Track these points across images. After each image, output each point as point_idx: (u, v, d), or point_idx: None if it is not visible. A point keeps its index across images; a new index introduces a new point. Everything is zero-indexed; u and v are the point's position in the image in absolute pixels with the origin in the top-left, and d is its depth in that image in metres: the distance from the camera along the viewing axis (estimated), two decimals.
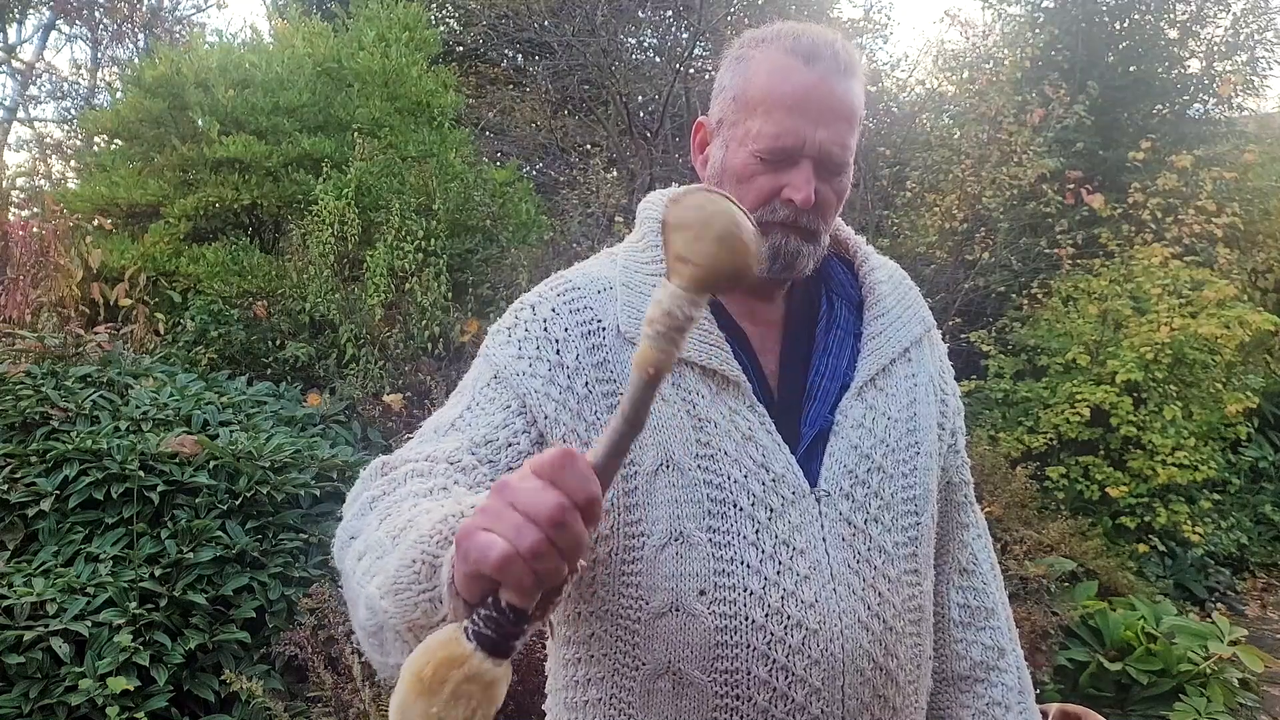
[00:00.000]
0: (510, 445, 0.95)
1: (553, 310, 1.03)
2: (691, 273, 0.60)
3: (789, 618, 0.96)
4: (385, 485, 0.86)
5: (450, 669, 0.56)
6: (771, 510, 0.98)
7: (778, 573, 0.97)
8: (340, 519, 0.94)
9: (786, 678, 0.96)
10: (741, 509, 0.97)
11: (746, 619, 0.96)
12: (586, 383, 0.99)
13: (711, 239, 0.59)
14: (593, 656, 1.02)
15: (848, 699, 0.98)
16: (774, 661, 0.96)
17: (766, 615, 0.96)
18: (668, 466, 0.97)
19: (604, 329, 1.01)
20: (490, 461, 0.93)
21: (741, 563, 0.96)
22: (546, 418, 0.98)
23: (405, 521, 0.75)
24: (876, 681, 1.00)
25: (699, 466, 0.97)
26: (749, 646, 0.96)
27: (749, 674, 0.96)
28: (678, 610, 0.96)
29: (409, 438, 1.03)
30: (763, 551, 0.97)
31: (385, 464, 0.91)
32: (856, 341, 1.10)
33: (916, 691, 1.07)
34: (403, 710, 0.57)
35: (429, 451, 0.92)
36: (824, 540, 0.99)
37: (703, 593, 0.96)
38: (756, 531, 0.97)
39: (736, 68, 1.05)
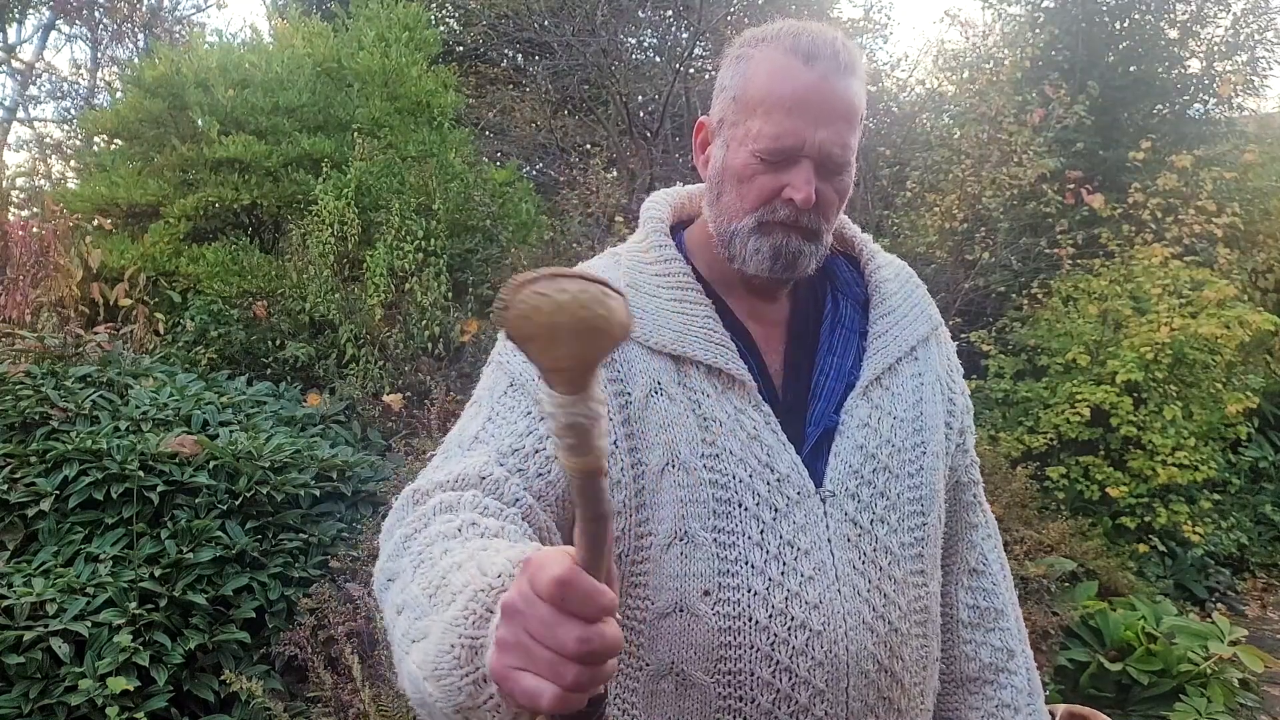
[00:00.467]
0: (538, 451, 0.95)
1: None
2: (568, 378, 0.53)
3: (793, 619, 0.96)
4: (416, 523, 0.85)
5: None
6: (776, 510, 0.98)
7: (782, 573, 0.97)
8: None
9: (790, 679, 0.96)
10: (746, 509, 0.97)
11: (750, 620, 0.96)
12: (602, 384, 0.98)
13: (567, 338, 0.51)
14: None
15: (852, 701, 0.98)
16: (777, 663, 0.96)
17: (770, 616, 0.96)
18: (674, 465, 0.97)
19: None
20: (520, 470, 0.93)
21: (746, 563, 0.96)
22: None
23: (439, 577, 0.74)
24: (881, 683, 0.99)
25: (704, 466, 0.97)
26: (753, 647, 0.96)
27: (752, 675, 0.96)
28: (682, 610, 0.96)
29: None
30: (767, 552, 0.97)
31: (416, 492, 0.90)
32: (862, 340, 1.09)
33: (922, 694, 1.06)
34: None
35: (457, 472, 0.90)
36: (829, 541, 0.99)
37: (707, 593, 0.96)
38: (761, 531, 0.97)
39: (737, 67, 1.04)
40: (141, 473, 3.00)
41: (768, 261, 1.02)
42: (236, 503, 3.06)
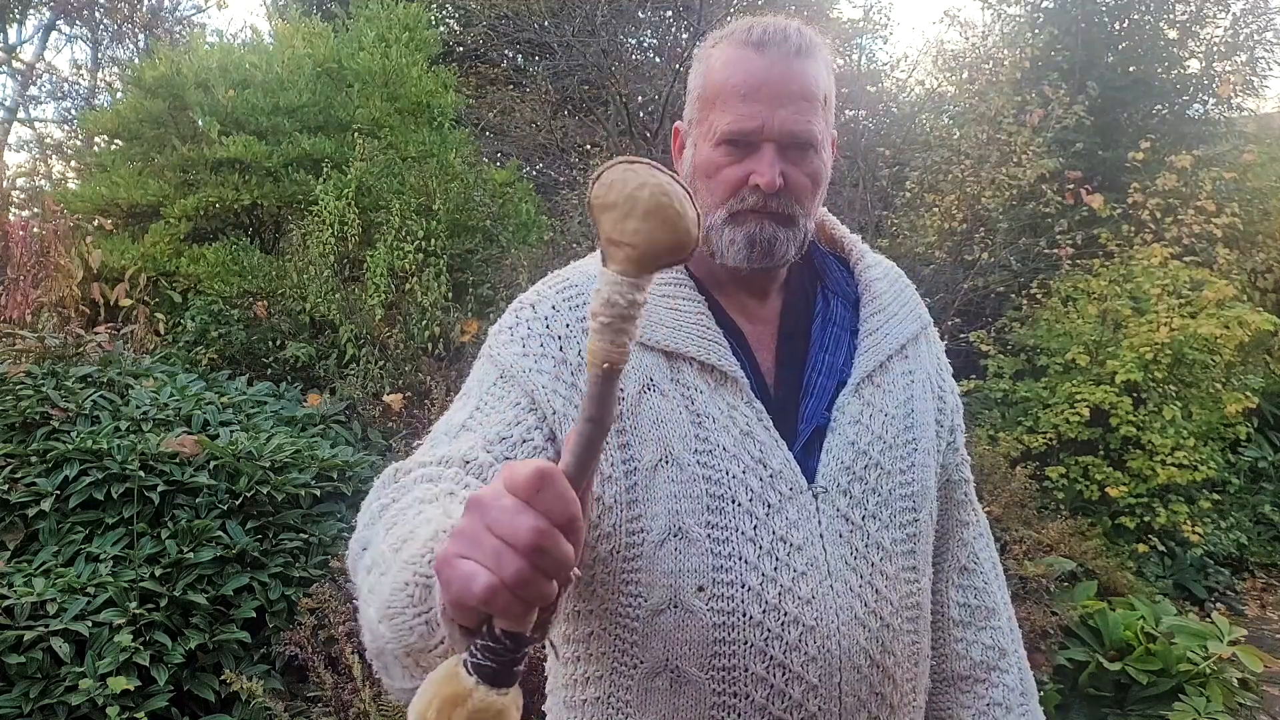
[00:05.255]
0: (525, 441, 0.95)
1: (553, 308, 1.04)
2: (626, 255, 0.55)
3: (786, 614, 0.96)
4: (395, 492, 0.85)
5: (454, 707, 0.53)
6: (769, 506, 0.98)
7: (775, 568, 0.97)
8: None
9: (784, 674, 0.96)
10: (740, 504, 0.97)
11: (744, 615, 0.96)
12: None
13: (640, 215, 0.54)
14: (590, 655, 1.02)
15: (845, 695, 0.98)
16: (771, 658, 0.96)
17: (764, 611, 0.96)
18: (667, 462, 0.97)
19: None
20: (506, 458, 0.93)
21: (740, 558, 0.97)
22: (555, 413, 0.97)
23: (407, 533, 0.73)
24: (873, 678, 1.00)
25: (698, 462, 0.98)
26: (747, 643, 0.96)
27: (746, 670, 0.96)
28: (676, 607, 0.96)
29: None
30: (760, 547, 0.97)
31: (398, 470, 0.90)
32: (853, 338, 1.10)
33: (914, 690, 1.07)
34: None
35: (442, 454, 0.91)
36: (821, 536, 0.99)
37: (701, 589, 0.96)
38: (754, 527, 0.97)
39: (698, 69, 1.07)
40: (142, 473, 3.01)
41: (744, 251, 1.02)
42: (237, 503, 3.07)
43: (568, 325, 1.02)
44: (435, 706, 0.53)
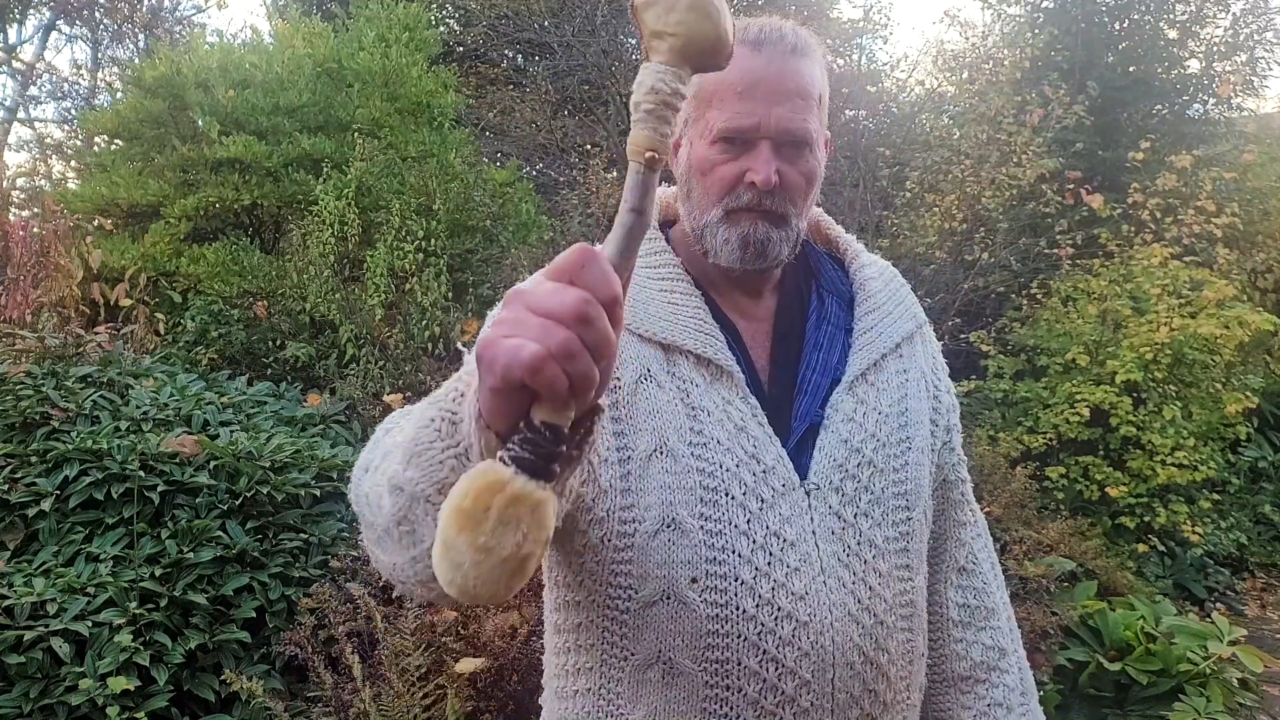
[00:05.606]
0: None
1: None
2: (670, 45, 0.58)
3: (779, 609, 0.96)
4: (395, 419, 0.86)
5: (492, 495, 0.51)
6: (763, 501, 0.98)
7: (768, 563, 0.97)
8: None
9: (776, 669, 0.96)
10: (733, 498, 0.97)
11: (738, 609, 0.96)
12: None
13: (683, 8, 0.58)
14: (581, 646, 1.02)
15: (837, 692, 0.98)
16: (764, 652, 0.96)
17: (757, 605, 0.96)
18: (661, 452, 0.98)
19: None
20: None
21: (733, 551, 0.97)
22: None
23: (415, 419, 0.72)
24: (866, 675, 1.00)
25: (692, 454, 0.98)
26: (740, 636, 0.96)
27: (739, 664, 0.96)
28: (669, 598, 0.96)
29: None
30: (754, 541, 0.97)
31: (398, 412, 0.91)
32: (848, 337, 1.10)
33: (908, 687, 1.07)
34: (447, 549, 0.52)
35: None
36: (814, 533, 1.00)
37: (694, 580, 0.96)
38: (748, 521, 0.97)
39: None
40: (142, 473, 3.01)
41: (737, 251, 1.03)
42: (237, 503, 3.07)
43: None
44: (472, 495, 0.51)
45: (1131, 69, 6.90)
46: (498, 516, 0.51)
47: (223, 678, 2.61)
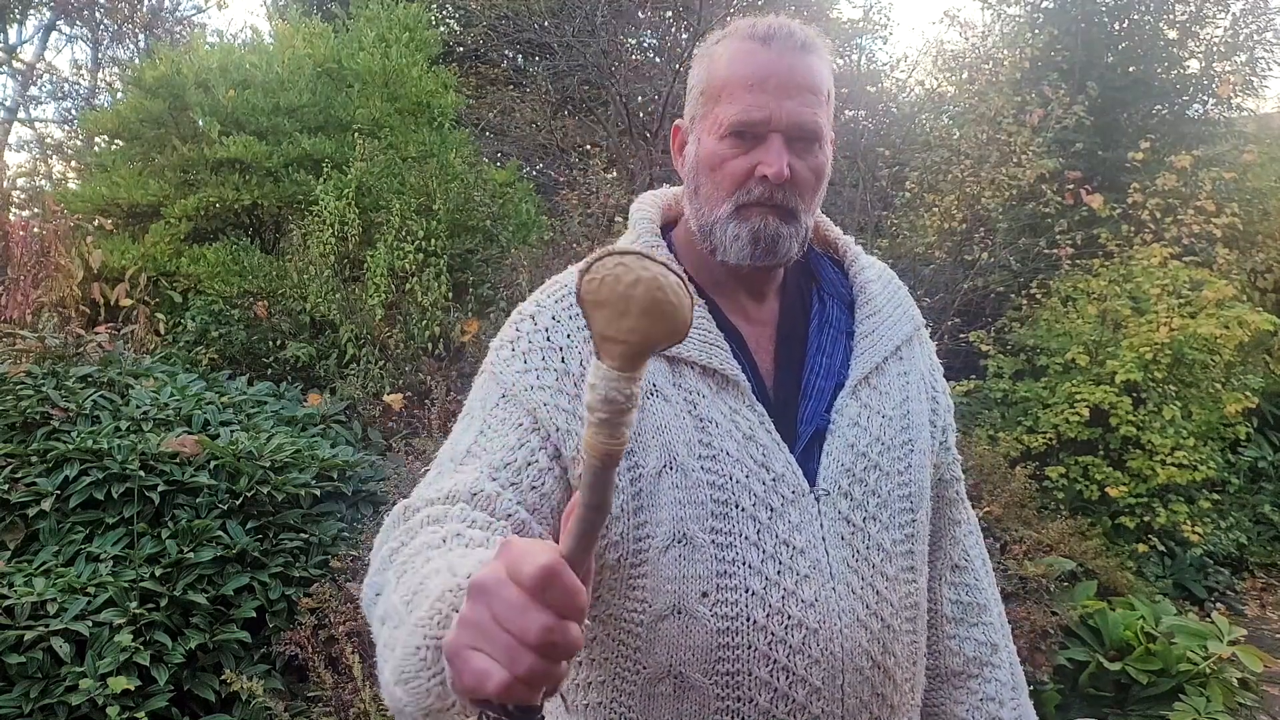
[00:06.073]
0: (530, 464, 0.95)
1: (553, 318, 1.03)
2: (622, 351, 0.55)
3: (790, 617, 0.96)
4: (403, 536, 0.85)
5: None
6: (772, 510, 0.98)
7: (778, 572, 0.97)
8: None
9: (787, 678, 0.96)
10: (743, 509, 0.97)
11: (748, 620, 0.96)
12: None
13: (637, 313, 0.53)
14: (594, 660, 1.02)
15: (847, 698, 0.98)
16: (775, 662, 0.96)
17: (768, 615, 0.96)
18: (671, 467, 0.97)
19: None
20: (513, 484, 0.93)
21: (743, 563, 0.96)
22: (558, 430, 0.97)
23: (417, 584, 0.74)
24: (875, 679, 1.00)
25: (702, 467, 0.97)
26: (751, 647, 0.96)
27: (750, 675, 0.96)
28: (680, 612, 0.96)
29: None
30: (764, 551, 0.97)
31: (406, 508, 0.90)
32: (849, 340, 1.10)
33: (913, 689, 1.07)
34: None
35: (449, 488, 0.90)
36: (823, 539, 1.00)
37: (705, 594, 0.96)
38: (758, 531, 0.97)
39: (700, 65, 1.07)
40: (142, 472, 3.01)
41: (748, 247, 1.02)
42: (237, 502, 3.07)
43: (568, 336, 1.01)
44: None
45: (1131, 69, 6.90)
46: None
47: (223, 678, 2.61)
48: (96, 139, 7.38)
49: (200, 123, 5.89)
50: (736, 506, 0.97)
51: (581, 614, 0.55)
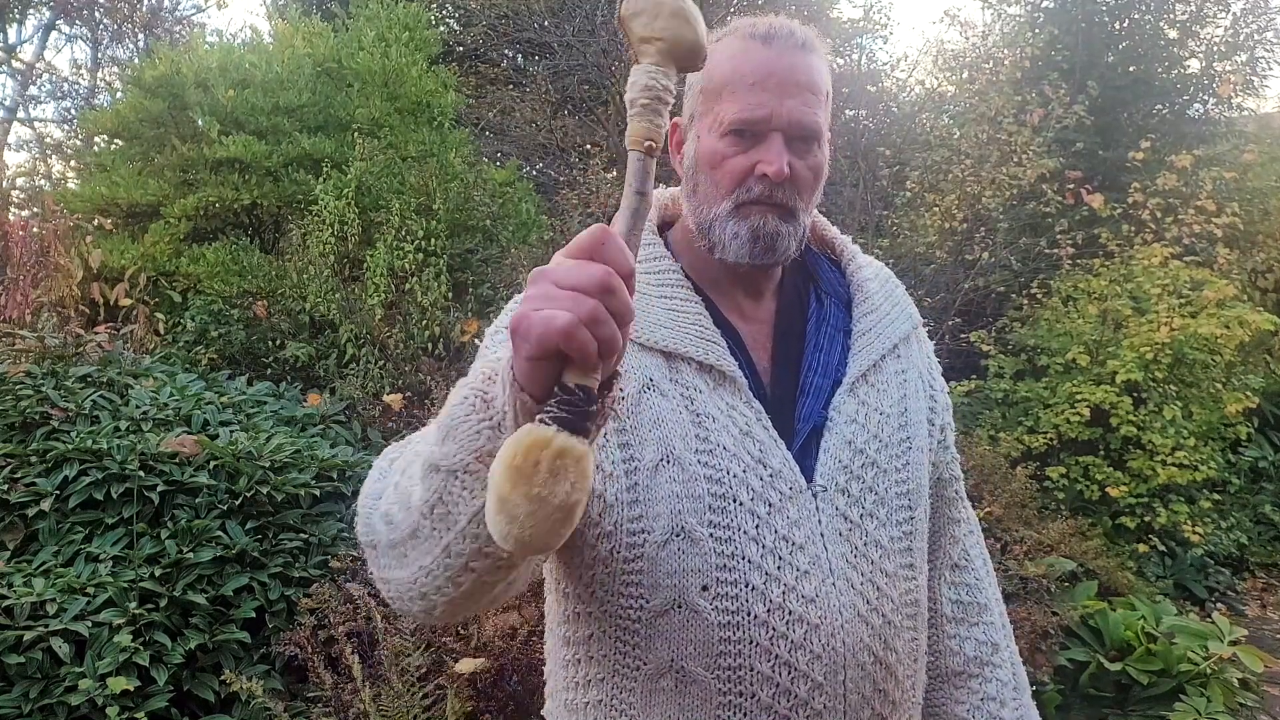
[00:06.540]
0: None
1: None
2: (658, 48, 0.67)
3: (791, 612, 0.96)
4: (395, 451, 0.90)
5: (540, 450, 0.57)
6: (770, 505, 0.98)
7: (778, 568, 0.97)
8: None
9: (789, 673, 0.96)
10: (742, 504, 0.97)
11: (749, 614, 0.96)
12: None
13: (667, 15, 0.67)
14: (593, 657, 1.02)
15: (849, 693, 0.99)
16: (777, 656, 0.96)
17: (769, 610, 0.96)
18: (668, 461, 0.97)
19: None
20: None
21: (743, 558, 0.96)
22: None
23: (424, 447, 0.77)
24: (876, 675, 1.00)
25: (699, 461, 0.97)
26: (752, 642, 0.96)
27: (752, 670, 0.96)
28: (680, 607, 0.96)
29: (408, 434, 1.03)
30: (763, 546, 0.97)
31: (398, 443, 0.93)
32: (847, 338, 1.10)
33: (914, 685, 1.08)
34: (502, 504, 0.57)
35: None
36: (822, 535, 1.00)
37: (705, 588, 0.96)
38: (757, 526, 0.97)
39: None
40: (142, 473, 3.00)
41: (747, 245, 1.02)
42: (237, 503, 3.06)
43: None
44: (522, 452, 0.57)
45: (1132, 69, 6.90)
46: (548, 469, 0.57)
47: (223, 678, 2.61)
48: (96, 139, 7.38)
49: (200, 122, 5.88)
50: (734, 501, 0.97)
51: (632, 276, 0.61)
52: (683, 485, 0.97)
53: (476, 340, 4.73)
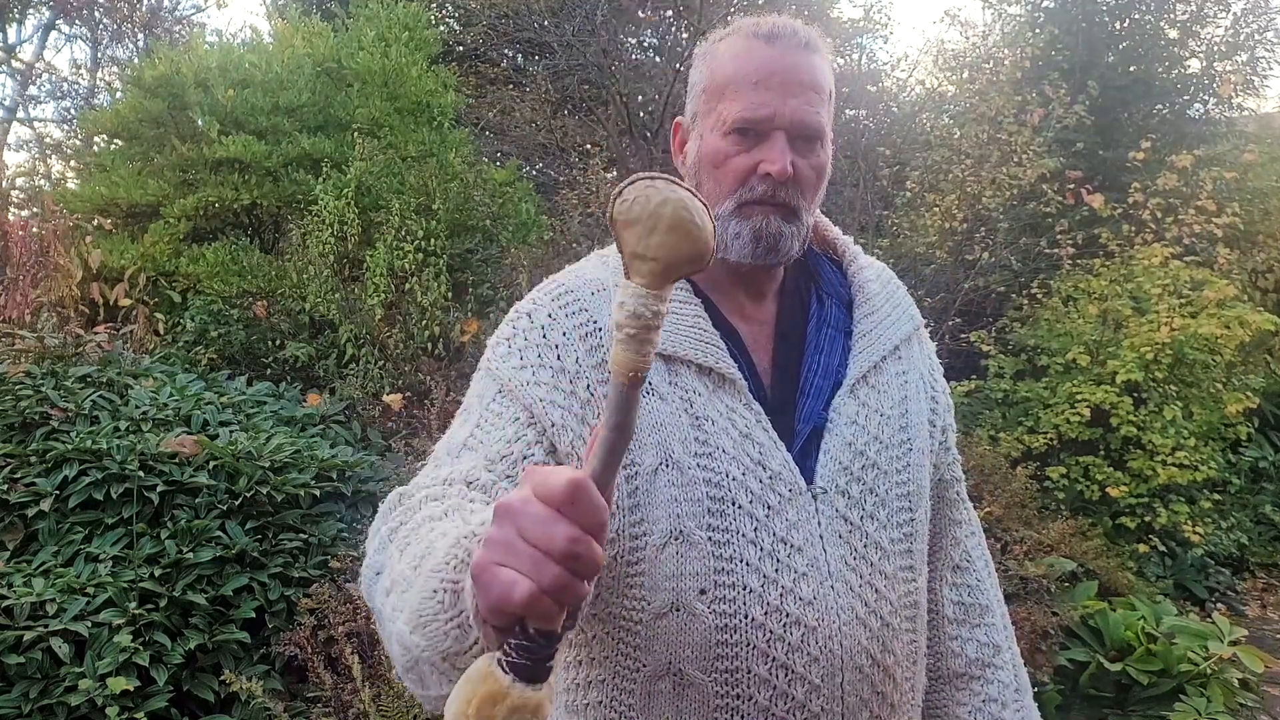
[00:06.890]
0: (526, 458, 0.95)
1: (549, 316, 1.03)
2: (651, 269, 0.58)
3: (788, 615, 0.96)
4: (403, 515, 0.86)
5: (494, 705, 0.55)
6: (769, 507, 0.98)
7: (776, 570, 0.97)
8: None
9: (787, 675, 0.96)
10: (740, 506, 0.97)
11: (747, 617, 0.96)
12: (588, 385, 0.99)
13: (664, 230, 0.57)
14: (593, 659, 1.02)
15: (847, 695, 0.98)
16: (774, 659, 0.96)
17: (766, 613, 0.96)
18: (667, 465, 0.97)
19: (601, 330, 1.01)
20: (509, 476, 0.93)
21: (741, 560, 0.96)
22: (554, 425, 0.97)
23: (424, 548, 0.74)
24: (875, 678, 1.00)
25: (698, 464, 0.97)
26: (749, 645, 0.96)
27: (749, 672, 0.96)
28: (678, 610, 0.96)
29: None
30: (761, 549, 0.97)
31: (402, 495, 0.90)
32: (847, 339, 1.10)
33: (913, 688, 1.07)
34: None
35: (444, 475, 0.91)
36: (821, 537, 0.99)
37: (703, 591, 0.96)
38: (755, 529, 0.97)
39: (703, 63, 1.07)
40: (141, 473, 3.00)
41: (749, 245, 1.02)
42: (236, 503, 3.06)
43: (564, 334, 1.01)
44: (475, 705, 0.55)
45: (1132, 69, 6.89)
46: None
47: (222, 678, 2.60)
48: (95, 139, 7.38)
49: (200, 122, 5.88)
50: (733, 504, 0.97)
51: (604, 531, 0.56)
52: (681, 489, 0.97)
53: (477, 339, 4.71)
